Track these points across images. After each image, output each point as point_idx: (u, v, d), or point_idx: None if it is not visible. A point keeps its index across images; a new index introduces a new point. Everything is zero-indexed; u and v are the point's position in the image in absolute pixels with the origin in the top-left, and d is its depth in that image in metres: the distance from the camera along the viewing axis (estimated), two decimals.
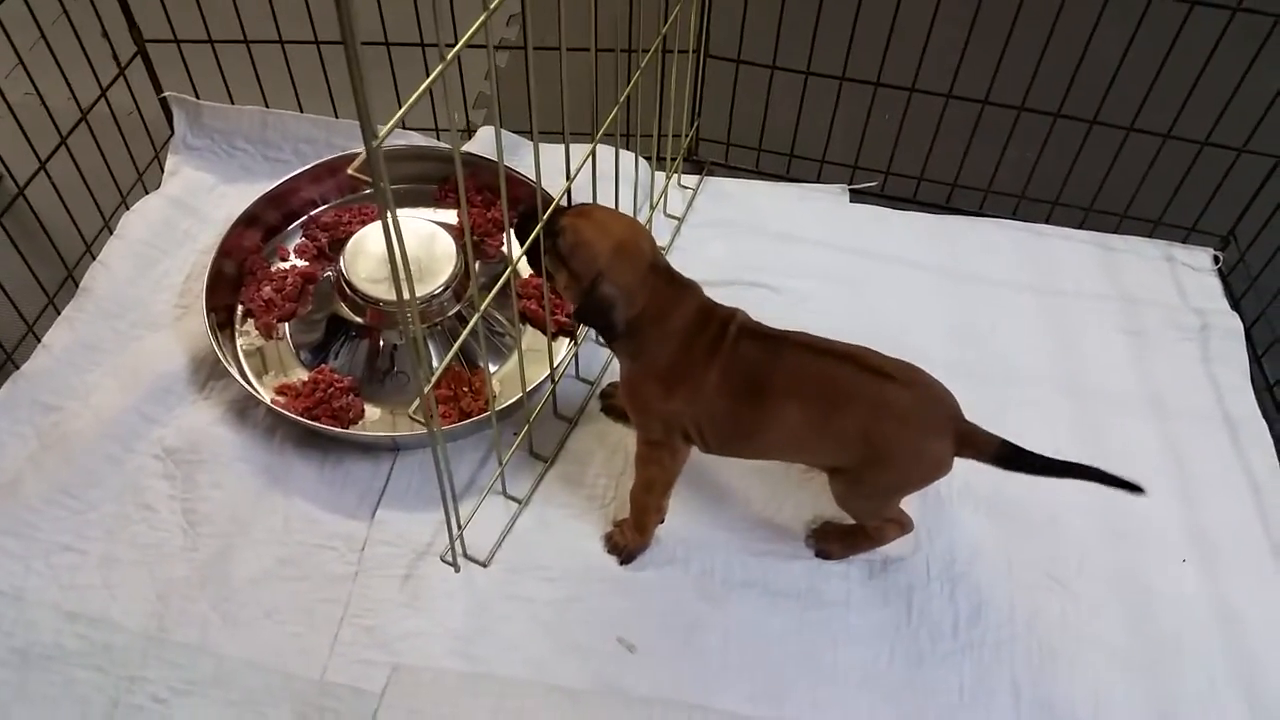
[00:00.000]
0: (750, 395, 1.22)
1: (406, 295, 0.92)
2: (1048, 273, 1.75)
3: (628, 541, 1.37)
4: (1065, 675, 1.30)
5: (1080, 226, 1.83)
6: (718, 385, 1.22)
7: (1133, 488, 1.15)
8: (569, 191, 1.29)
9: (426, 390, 1.01)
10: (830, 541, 1.38)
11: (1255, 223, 1.70)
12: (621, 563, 1.37)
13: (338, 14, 0.67)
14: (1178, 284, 1.75)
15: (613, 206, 1.57)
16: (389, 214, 0.79)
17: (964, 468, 1.47)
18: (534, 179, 1.14)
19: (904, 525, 1.34)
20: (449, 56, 0.85)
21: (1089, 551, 1.41)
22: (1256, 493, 1.48)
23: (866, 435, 1.20)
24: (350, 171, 0.74)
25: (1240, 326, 1.68)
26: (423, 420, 1.00)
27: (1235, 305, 1.72)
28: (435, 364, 1.47)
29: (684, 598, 1.35)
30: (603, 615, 1.33)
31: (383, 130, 0.76)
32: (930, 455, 1.22)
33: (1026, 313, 1.69)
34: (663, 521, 1.38)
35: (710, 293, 1.68)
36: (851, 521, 1.36)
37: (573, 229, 1.19)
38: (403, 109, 0.80)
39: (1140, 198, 1.77)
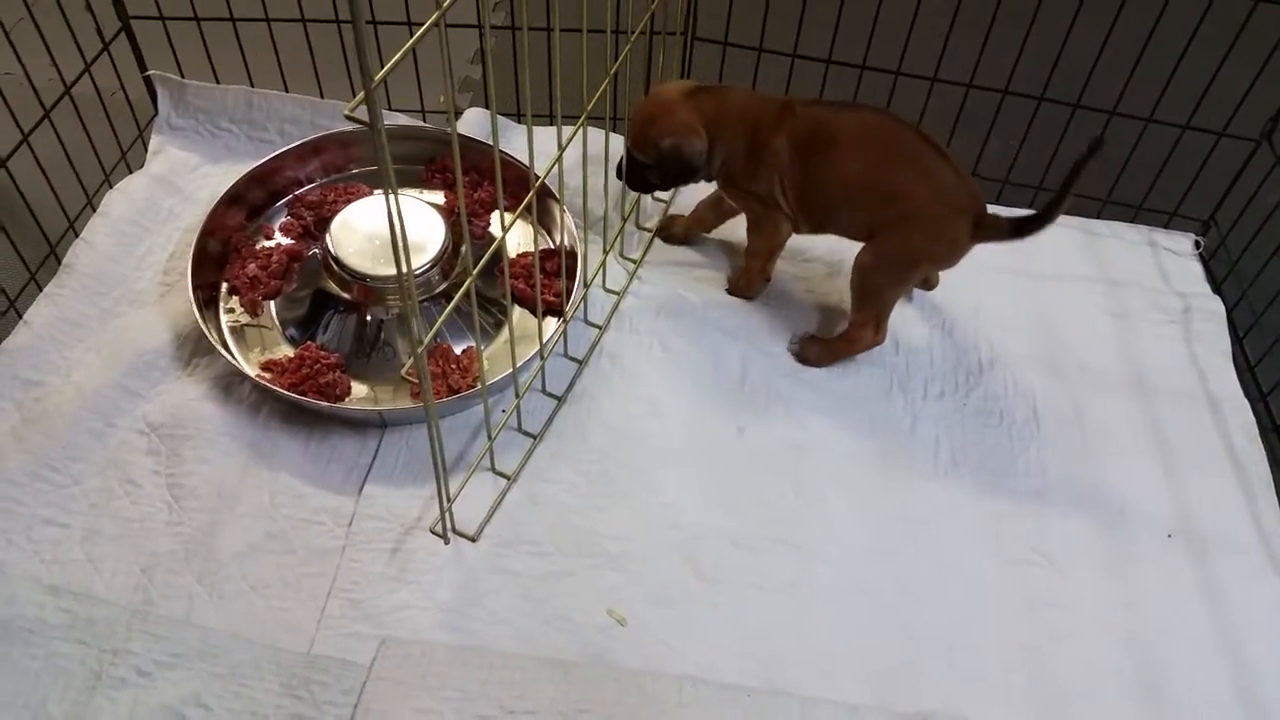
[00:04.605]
0: (816, 151, 1.42)
1: (404, 265, 0.92)
2: (1031, 257, 1.76)
3: (744, 287, 1.65)
4: (1053, 648, 1.31)
5: (1063, 212, 1.83)
6: (790, 152, 1.43)
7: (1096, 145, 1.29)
8: (560, 166, 1.30)
9: (419, 350, 1.00)
10: (810, 348, 1.55)
11: (1235, 208, 1.73)
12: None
13: None
14: (1160, 268, 1.77)
15: (602, 185, 1.59)
16: (386, 158, 0.79)
17: (948, 446, 1.49)
18: (524, 161, 1.14)
19: (880, 331, 1.50)
20: (434, 16, 0.85)
21: (1074, 526, 1.42)
22: (1239, 470, 1.49)
23: (910, 194, 1.39)
24: (345, 114, 0.73)
25: (1222, 309, 1.70)
26: (415, 379, 1.00)
27: (1217, 289, 1.74)
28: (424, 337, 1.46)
29: (676, 574, 1.35)
30: (593, 589, 1.32)
31: (379, 73, 0.75)
32: (950, 230, 1.41)
33: (1009, 295, 1.70)
34: (768, 281, 1.63)
35: (693, 271, 1.71)
36: (832, 336, 1.55)
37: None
38: (397, 56, 0.80)
39: (1122, 184, 1.79)
